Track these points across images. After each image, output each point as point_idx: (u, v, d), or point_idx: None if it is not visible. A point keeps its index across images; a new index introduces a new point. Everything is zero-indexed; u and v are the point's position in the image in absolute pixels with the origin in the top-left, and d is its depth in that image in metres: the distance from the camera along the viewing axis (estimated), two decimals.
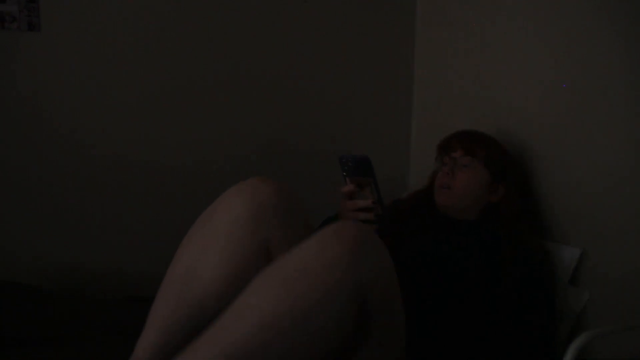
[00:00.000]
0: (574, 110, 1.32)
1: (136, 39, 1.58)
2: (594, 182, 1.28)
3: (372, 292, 0.84)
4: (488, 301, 1.19)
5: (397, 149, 1.92)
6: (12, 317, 1.15)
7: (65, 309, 1.25)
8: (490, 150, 1.35)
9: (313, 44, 1.75)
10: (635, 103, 1.18)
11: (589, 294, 1.27)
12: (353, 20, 1.79)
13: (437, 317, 1.17)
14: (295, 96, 1.75)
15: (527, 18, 1.45)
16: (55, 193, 1.54)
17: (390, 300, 0.89)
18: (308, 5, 1.72)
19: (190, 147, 1.66)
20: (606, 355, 1.19)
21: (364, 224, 0.90)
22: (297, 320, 0.78)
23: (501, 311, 1.18)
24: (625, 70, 1.19)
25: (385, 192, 1.81)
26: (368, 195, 1.05)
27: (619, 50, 1.21)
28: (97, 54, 1.54)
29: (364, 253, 0.83)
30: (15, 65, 1.48)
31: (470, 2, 1.64)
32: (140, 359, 0.88)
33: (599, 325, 1.21)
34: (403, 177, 1.94)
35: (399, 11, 1.85)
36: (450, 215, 1.34)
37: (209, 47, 1.65)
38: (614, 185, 1.23)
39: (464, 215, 1.34)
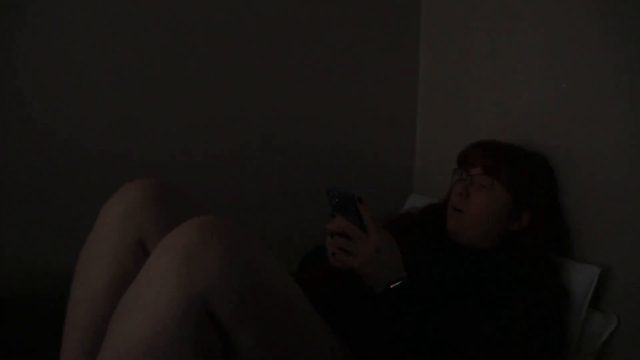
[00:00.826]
0: (589, 112, 1.19)
1: (112, 21, 1.43)
2: (617, 191, 1.13)
3: (217, 297, 0.74)
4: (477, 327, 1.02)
5: (403, 145, 1.82)
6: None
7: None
8: (515, 171, 1.15)
9: (316, 43, 1.64)
10: None
11: (616, 319, 1.13)
12: (354, 15, 1.68)
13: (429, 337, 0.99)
14: (299, 94, 1.65)
15: (532, 18, 1.33)
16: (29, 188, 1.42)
17: (256, 298, 0.78)
18: (310, 3, 1.62)
19: (192, 145, 1.56)
20: None
21: (208, 218, 0.80)
22: (146, 351, 0.73)
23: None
24: None
25: (391, 189, 1.81)
26: None
27: None
28: (69, 37, 1.40)
29: (196, 259, 0.75)
30: None
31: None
32: None
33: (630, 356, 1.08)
34: (408, 172, 1.84)
35: (403, 7, 1.75)
36: (460, 241, 1.17)
37: (207, 44, 1.53)
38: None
39: (475, 243, 1.16)
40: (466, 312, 0.99)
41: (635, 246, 1.10)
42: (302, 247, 1.39)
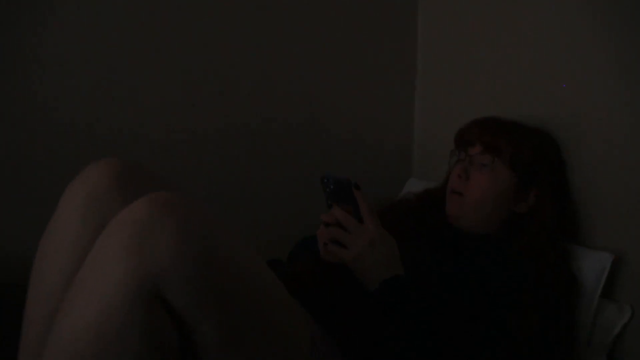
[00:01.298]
0: (599, 87, 1.10)
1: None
2: (631, 172, 1.05)
3: (170, 280, 0.67)
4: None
5: (400, 128, 1.75)
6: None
7: None
8: (518, 146, 1.06)
9: (313, 26, 1.58)
10: None
11: (630, 310, 1.05)
12: (349, 10, 1.62)
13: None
14: (295, 77, 1.59)
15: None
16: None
17: (215, 282, 0.70)
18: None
19: (183, 130, 1.48)
20: None
21: (163, 193, 0.72)
22: (91, 340, 0.66)
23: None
24: None
25: (389, 173, 1.73)
26: None
27: None
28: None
29: (147, 237, 0.67)
30: None
31: None
32: None
33: None
34: (406, 156, 1.77)
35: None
36: (461, 228, 1.09)
37: (207, 38, 1.46)
38: None
39: (477, 229, 1.08)
40: (467, 308, 0.91)
41: None
42: (296, 237, 1.33)
